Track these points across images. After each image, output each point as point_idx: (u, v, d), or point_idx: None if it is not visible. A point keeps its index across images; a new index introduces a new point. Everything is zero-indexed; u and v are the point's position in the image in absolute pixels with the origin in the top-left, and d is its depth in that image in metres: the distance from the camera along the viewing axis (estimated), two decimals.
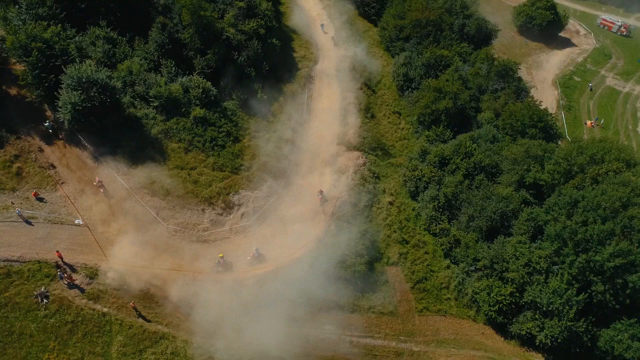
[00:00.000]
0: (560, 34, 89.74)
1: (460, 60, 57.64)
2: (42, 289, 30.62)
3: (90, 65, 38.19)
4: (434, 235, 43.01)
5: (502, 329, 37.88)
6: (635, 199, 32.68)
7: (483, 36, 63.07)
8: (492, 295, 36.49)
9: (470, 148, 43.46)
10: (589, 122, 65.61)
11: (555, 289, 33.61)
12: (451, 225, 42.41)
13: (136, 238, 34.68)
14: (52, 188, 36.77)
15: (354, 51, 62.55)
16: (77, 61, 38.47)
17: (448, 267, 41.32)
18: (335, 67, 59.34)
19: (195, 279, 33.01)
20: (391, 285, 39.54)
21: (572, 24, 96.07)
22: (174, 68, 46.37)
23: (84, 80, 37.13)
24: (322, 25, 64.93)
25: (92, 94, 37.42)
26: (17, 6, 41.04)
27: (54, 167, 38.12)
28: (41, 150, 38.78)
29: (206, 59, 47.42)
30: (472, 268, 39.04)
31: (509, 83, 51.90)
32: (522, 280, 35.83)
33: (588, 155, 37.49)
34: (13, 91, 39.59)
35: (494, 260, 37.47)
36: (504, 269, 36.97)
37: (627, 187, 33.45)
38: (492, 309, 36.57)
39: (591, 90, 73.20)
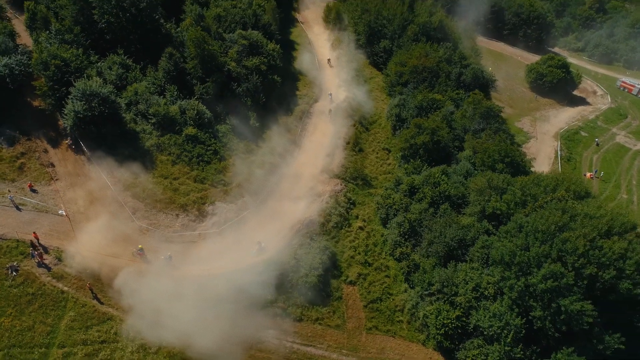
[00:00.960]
0: (574, 93, 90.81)
1: (453, 104, 60.08)
2: (14, 264, 34.29)
3: (97, 82, 44.00)
4: (398, 260, 43.86)
5: (450, 355, 37.42)
6: (572, 224, 32.80)
7: (479, 84, 65.51)
8: (439, 318, 36.58)
9: (438, 179, 44.97)
10: (588, 174, 65.05)
11: (495, 312, 33.56)
12: (414, 251, 43.22)
13: (108, 231, 38.17)
14: (46, 183, 41.55)
15: (354, 93, 66.67)
16: (86, 77, 44.35)
17: (405, 290, 41.76)
18: (335, 107, 63.22)
19: (144, 273, 35.48)
20: (344, 301, 40.45)
21: (589, 85, 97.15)
22: (176, 92, 51.86)
23: (87, 92, 42.74)
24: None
25: (93, 104, 42.86)
26: (47, 32, 48.33)
27: (53, 165, 43.19)
28: (46, 151, 44.17)
29: (205, 87, 52.67)
30: (427, 292, 39.39)
31: (491, 124, 53.55)
32: (468, 305, 35.93)
33: (542, 186, 38.11)
34: (31, 101, 45.85)
35: (444, 284, 37.88)
36: (453, 292, 37.24)
37: (566, 213, 33.68)
38: (438, 332, 36.54)
39: (597, 145, 72.83)
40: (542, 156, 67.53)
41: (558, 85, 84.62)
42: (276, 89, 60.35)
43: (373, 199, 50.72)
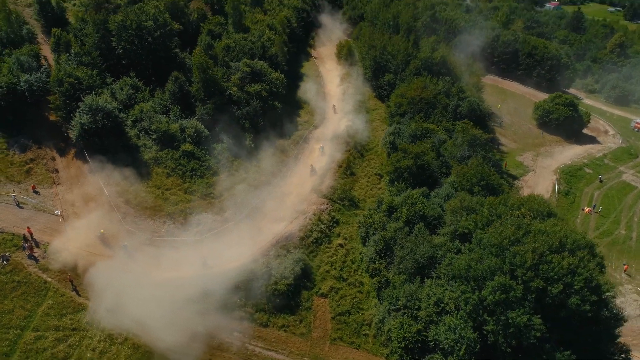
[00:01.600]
0: (584, 132, 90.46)
1: (446, 134, 61.72)
2: (6, 254, 37.60)
3: (104, 98, 48.56)
4: (372, 276, 44.77)
5: None
6: (524, 239, 33.24)
7: (475, 116, 66.95)
8: (400, 331, 37.10)
9: (415, 199, 46.25)
10: (586, 209, 64.28)
11: (450, 326, 33.95)
12: (388, 268, 44.11)
13: (97, 231, 41.25)
14: (49, 186, 45.50)
15: (354, 121, 69.38)
16: (95, 94, 48.99)
17: (375, 305, 42.44)
18: (332, 133, 65.91)
19: (116, 269, 37.93)
20: (313, 312, 41.49)
21: (602, 124, 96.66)
22: (179, 112, 56.01)
23: (94, 107, 47.20)
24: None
25: (97, 117, 47.20)
26: (68, 54, 53.88)
27: (57, 171, 47.32)
28: (53, 159, 48.52)
29: (206, 108, 56.63)
30: (393, 307, 40.01)
31: (477, 151, 54.70)
32: (428, 319, 36.41)
33: (508, 206, 38.74)
34: (45, 114, 50.73)
35: (408, 299, 38.54)
36: (416, 307, 37.83)
37: (521, 228, 34.17)
38: (400, 345, 36.93)
39: (601, 182, 71.97)
40: (540, 189, 67.26)
41: (565, 123, 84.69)
42: (276, 114, 63.77)
43: (357, 219, 52.15)
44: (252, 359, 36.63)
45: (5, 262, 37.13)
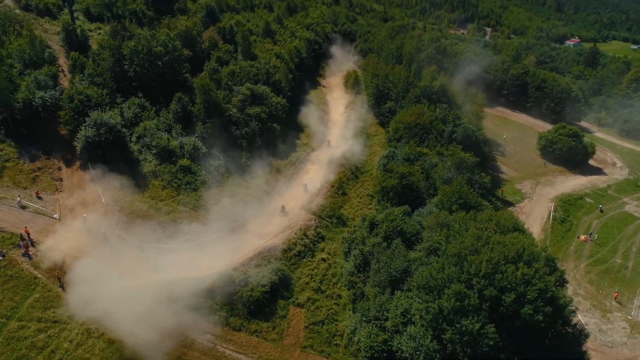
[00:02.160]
0: (591, 163, 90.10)
1: (439, 158, 63.09)
2: (3, 250, 40.63)
3: (108, 114, 52.50)
4: (349, 289, 45.75)
5: None
6: (482, 249, 33.87)
7: (470, 142, 68.16)
8: (367, 341, 37.81)
9: (394, 216, 47.52)
10: (582, 237, 63.67)
11: (411, 334, 34.60)
12: (365, 282, 45.09)
13: (89, 235, 44.07)
14: (52, 192, 48.99)
15: (352, 146, 71.72)
16: (101, 111, 53.01)
17: (349, 317, 43.25)
18: (330, 156, 68.17)
19: (108, 270, 40.31)
20: (287, 320, 42.62)
21: (610, 156, 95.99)
22: (180, 130, 59.53)
23: (98, 122, 51.08)
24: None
25: (101, 131, 50.97)
26: (82, 74, 58.63)
27: (61, 180, 50.92)
28: (59, 168, 52.29)
29: (205, 127, 59.99)
30: (365, 319, 40.82)
31: (463, 173, 55.74)
32: (394, 329, 37.11)
33: (478, 221, 39.51)
34: (56, 128, 54.92)
35: (378, 309, 39.39)
36: (385, 317, 38.61)
37: (481, 239, 34.85)
38: (366, 354, 37.58)
39: (601, 211, 71.26)
40: (535, 216, 67.31)
41: (569, 153, 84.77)
42: (275, 135, 66.72)
43: (342, 236, 53.51)
44: None
45: (1, 258, 40.07)
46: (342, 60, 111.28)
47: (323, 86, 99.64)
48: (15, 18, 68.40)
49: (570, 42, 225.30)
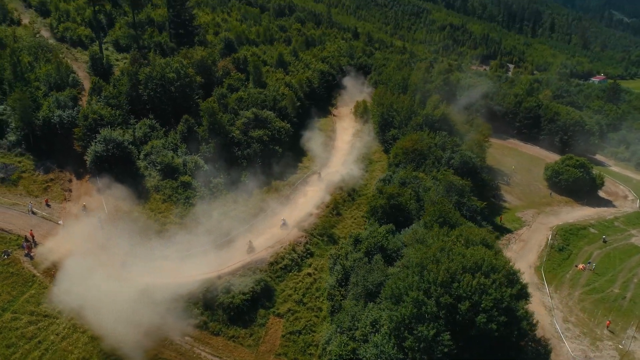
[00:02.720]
0: (600, 195, 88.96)
1: (433, 182, 64.40)
2: (8, 250, 44.34)
3: (117, 132, 56.92)
4: (329, 301, 47.01)
5: None
6: (442, 259, 34.78)
7: (468, 169, 69.20)
8: (337, 349, 38.85)
9: (376, 233, 48.98)
10: (580, 265, 62.84)
11: (374, 342, 35.56)
12: (345, 296, 46.30)
13: (88, 239, 47.40)
14: (60, 201, 53.05)
15: (353, 170, 73.95)
16: (111, 128, 57.54)
17: (326, 328, 44.35)
18: (328, 179, 70.53)
19: (98, 270, 43.22)
20: (266, 329, 44.12)
21: (622, 189, 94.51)
22: (185, 149, 63.42)
23: (107, 138, 55.47)
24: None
25: (109, 147, 55.25)
26: (99, 96, 63.86)
27: (70, 191, 55.08)
28: (70, 181, 56.63)
29: (209, 147, 63.69)
30: (339, 330, 41.90)
31: (451, 196, 56.78)
32: (363, 338, 38.10)
33: (450, 236, 40.46)
34: (70, 144, 59.67)
35: (350, 320, 40.52)
36: (356, 327, 39.67)
37: (444, 251, 35.78)
38: None
39: (605, 242, 70.10)
40: (532, 243, 66.94)
41: (576, 184, 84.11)
42: (277, 158, 69.74)
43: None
44: None
45: (6, 256, 43.71)
46: (356, 92, 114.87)
47: (334, 115, 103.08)
48: (47, 47, 75.35)
49: (595, 79, 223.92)
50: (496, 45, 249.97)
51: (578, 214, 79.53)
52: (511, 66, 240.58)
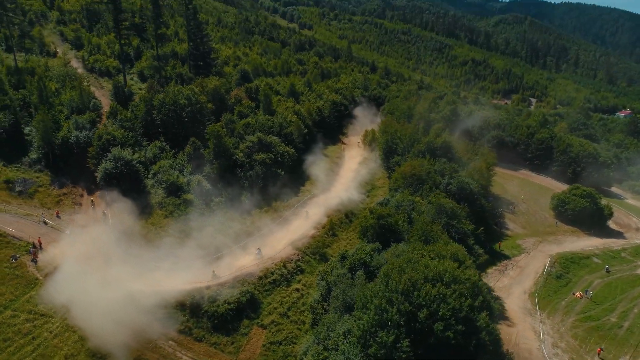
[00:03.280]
0: (611, 226, 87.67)
1: (428, 206, 65.69)
2: (16, 254, 48.16)
3: (127, 151, 61.37)
4: (312, 314, 48.44)
5: None
6: (407, 269, 35.95)
7: (465, 194, 70.18)
8: (310, 358, 40.16)
9: (361, 251, 50.58)
10: (578, 293, 61.99)
11: (342, 350, 36.78)
12: (327, 310, 47.69)
13: (91, 247, 50.88)
14: (69, 213, 57.15)
15: (352, 193, 76.05)
16: (121, 148, 62.06)
17: (306, 340, 45.62)
18: (328, 202, 72.72)
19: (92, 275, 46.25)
20: (248, 338, 45.78)
21: (634, 221, 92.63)
22: (190, 170, 67.26)
23: (117, 157, 59.88)
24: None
25: (118, 165, 59.56)
26: (114, 119, 69.01)
27: (80, 204, 59.22)
28: (81, 195, 60.99)
29: (212, 168, 67.35)
30: (317, 341, 43.21)
31: (441, 218, 57.87)
32: (334, 347, 39.33)
33: (425, 251, 41.67)
34: (84, 162, 64.26)
35: (326, 331, 41.89)
36: (330, 337, 40.98)
37: (411, 262, 36.96)
38: None
39: (607, 272, 68.90)
40: (530, 269, 66.58)
41: (583, 214, 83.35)
42: (279, 180, 72.60)
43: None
44: None
45: (14, 260, 47.47)
46: (367, 122, 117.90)
47: (344, 143, 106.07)
48: (74, 75, 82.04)
49: (620, 114, 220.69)
50: (518, 80, 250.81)
51: (583, 243, 78.51)
52: (533, 100, 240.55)
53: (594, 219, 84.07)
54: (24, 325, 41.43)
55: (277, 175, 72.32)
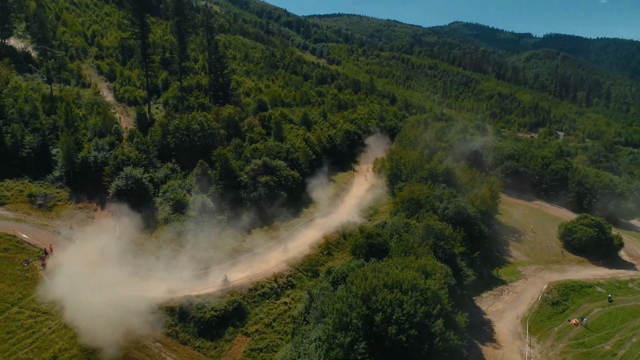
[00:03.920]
0: (623, 257, 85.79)
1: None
2: (29, 259, 53.04)
3: (138, 170, 66.63)
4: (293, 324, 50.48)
5: None
6: (370, 276, 37.72)
7: (462, 219, 71.23)
8: None
9: (345, 266, 52.62)
10: (573, 320, 61.21)
11: (308, 353, 38.72)
12: (308, 321, 49.69)
13: (96, 254, 55.33)
14: (82, 225, 62.15)
15: (353, 216, 78.38)
16: (133, 167, 67.39)
17: (285, 349, 47.58)
18: (327, 223, 75.30)
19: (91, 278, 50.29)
20: (231, 344, 48.20)
21: None
22: (198, 189, 71.76)
23: (128, 175, 65.11)
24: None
25: (129, 182, 64.70)
26: (131, 142, 74.90)
27: (93, 218, 64.28)
28: (95, 210, 66.17)
29: (217, 188, 71.61)
30: (294, 349, 45.20)
31: (428, 239, 59.23)
32: (305, 352, 41.31)
33: (392, 264, 43.36)
34: (100, 180, 69.85)
35: (301, 338, 43.94)
36: (302, 343, 42.96)
37: (375, 271, 38.72)
38: None
39: (610, 301, 67.55)
40: (526, 295, 66.21)
41: (591, 244, 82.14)
42: (282, 202, 75.94)
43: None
44: None
45: (26, 264, 52.32)
46: (380, 150, 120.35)
47: (354, 170, 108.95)
48: (101, 103, 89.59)
49: None
50: (545, 113, 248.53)
51: (588, 273, 77.14)
52: (561, 134, 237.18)
53: (602, 249, 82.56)
54: (27, 320, 45.57)
55: (280, 197, 75.67)
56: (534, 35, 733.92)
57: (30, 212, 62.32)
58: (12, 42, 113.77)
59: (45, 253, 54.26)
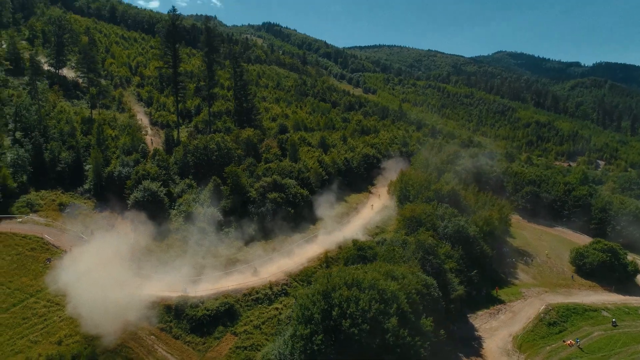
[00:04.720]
0: (638, 282, 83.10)
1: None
2: (51, 257, 59.70)
3: (156, 184, 73.16)
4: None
5: None
6: (334, 276, 40.46)
7: (462, 238, 72.48)
8: (261, 357, 45.46)
9: (335, 278, 55.57)
10: (569, 341, 60.59)
11: (278, 346, 41.88)
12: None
13: (104, 256, 61.24)
14: (103, 232, 68.67)
15: (356, 234, 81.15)
16: (151, 180, 73.98)
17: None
18: (329, 239, 78.39)
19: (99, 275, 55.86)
20: (219, 341, 51.93)
21: None
22: (209, 203, 77.33)
23: (146, 187, 71.67)
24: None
25: (146, 194, 71.18)
26: (153, 159, 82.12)
27: (113, 226, 70.88)
28: (116, 219, 72.84)
29: (227, 202, 76.88)
30: (274, 350, 48.38)
31: (418, 253, 61.09)
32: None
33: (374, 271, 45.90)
34: (122, 192, 76.83)
35: (280, 336, 47.18)
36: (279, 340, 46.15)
37: (340, 272, 41.42)
38: None
39: (614, 325, 66.16)
40: (522, 315, 66.05)
41: (603, 269, 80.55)
42: (289, 217, 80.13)
43: None
44: (152, 354, 48.62)
45: (48, 262, 58.96)
46: (397, 174, 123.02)
47: (370, 192, 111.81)
48: (134, 125, 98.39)
49: None
50: (585, 142, 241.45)
51: (597, 298, 75.56)
52: (601, 162, 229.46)
53: (616, 275, 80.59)
54: (41, 309, 51.50)
55: (287, 213, 79.87)
56: (582, 64, 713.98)
57: (58, 218, 69.72)
58: (65, 72, 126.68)
59: (65, 253, 60.71)
